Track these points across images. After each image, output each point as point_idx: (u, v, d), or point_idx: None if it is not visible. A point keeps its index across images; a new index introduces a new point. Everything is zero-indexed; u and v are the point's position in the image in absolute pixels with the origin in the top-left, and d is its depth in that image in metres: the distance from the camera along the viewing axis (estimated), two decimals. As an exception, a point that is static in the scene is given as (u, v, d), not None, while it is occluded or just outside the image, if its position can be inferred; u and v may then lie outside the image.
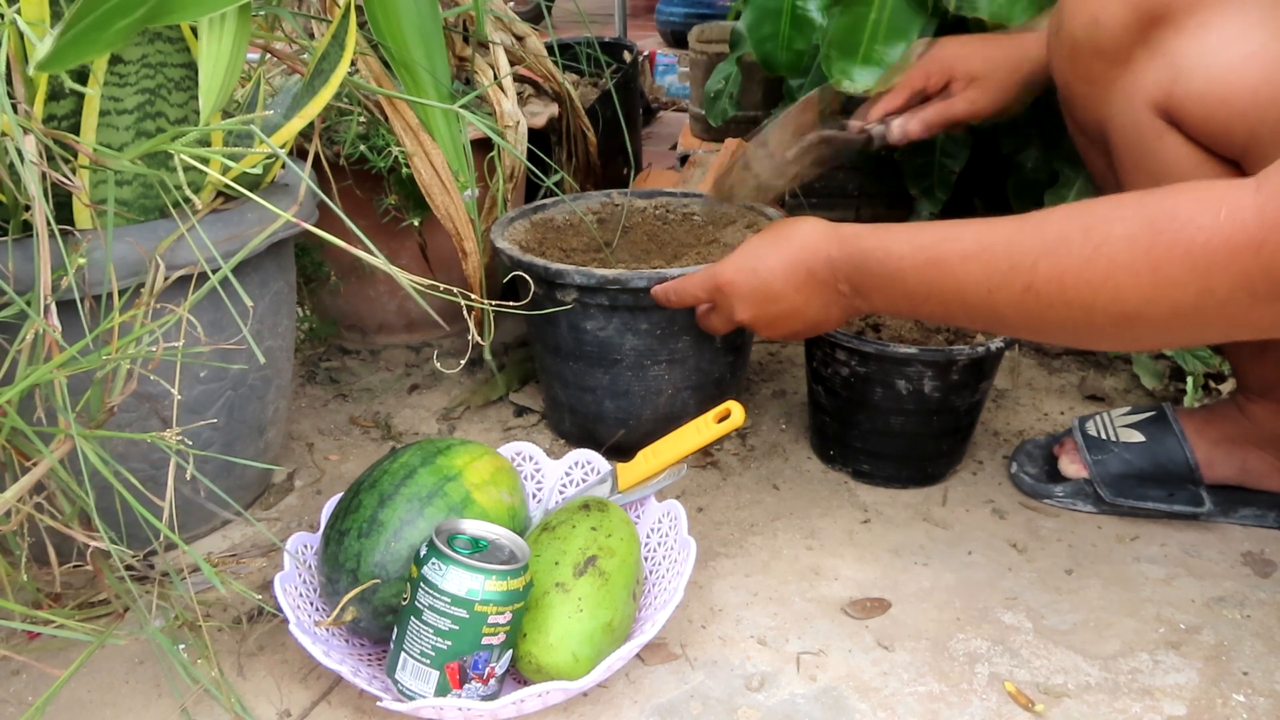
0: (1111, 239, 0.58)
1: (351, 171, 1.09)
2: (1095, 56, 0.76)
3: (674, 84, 2.80)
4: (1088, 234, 0.59)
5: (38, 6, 0.65)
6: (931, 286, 0.68)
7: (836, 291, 0.76)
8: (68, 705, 0.73)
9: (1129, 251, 0.57)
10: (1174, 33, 0.71)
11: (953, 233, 0.67)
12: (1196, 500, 0.91)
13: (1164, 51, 0.72)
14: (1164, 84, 0.72)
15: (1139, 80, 0.74)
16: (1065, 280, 0.60)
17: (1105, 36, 0.75)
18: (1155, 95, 0.73)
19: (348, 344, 1.29)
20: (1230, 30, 0.68)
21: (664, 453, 0.85)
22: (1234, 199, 0.54)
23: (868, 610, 0.82)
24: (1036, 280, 0.61)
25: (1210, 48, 0.69)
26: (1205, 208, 0.55)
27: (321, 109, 0.78)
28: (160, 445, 0.64)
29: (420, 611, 0.65)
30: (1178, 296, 0.56)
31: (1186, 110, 0.71)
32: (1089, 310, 0.60)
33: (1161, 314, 0.58)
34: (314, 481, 1.01)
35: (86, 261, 0.69)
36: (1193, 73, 0.70)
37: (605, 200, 1.16)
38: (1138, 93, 0.74)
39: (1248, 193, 0.54)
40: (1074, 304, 0.60)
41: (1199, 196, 0.56)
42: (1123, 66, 0.75)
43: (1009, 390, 1.18)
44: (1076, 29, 0.77)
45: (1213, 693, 0.73)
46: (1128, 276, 0.57)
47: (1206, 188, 0.57)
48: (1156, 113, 0.73)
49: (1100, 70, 0.77)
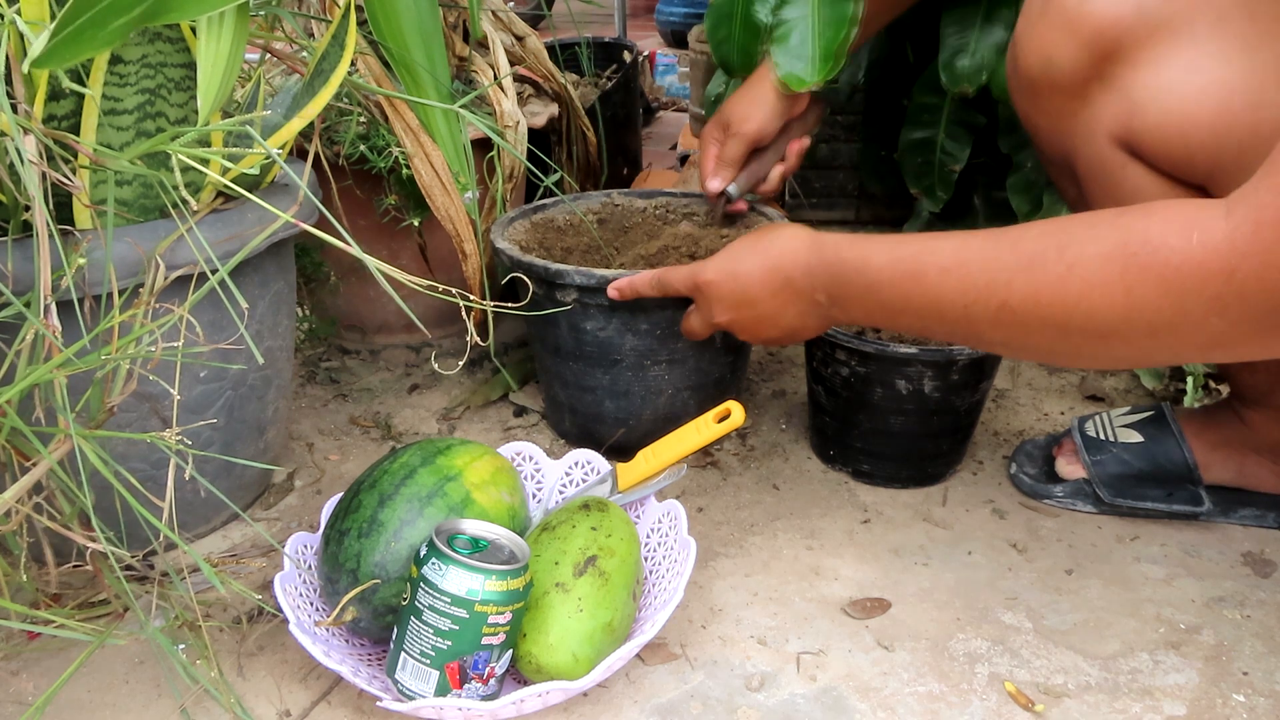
0: (1085, 259, 0.58)
1: (351, 171, 1.09)
2: (1052, 92, 0.76)
3: (674, 84, 2.80)
4: (1061, 253, 0.59)
5: (37, 6, 0.65)
6: (909, 300, 0.68)
7: (813, 301, 0.76)
8: (68, 705, 0.73)
9: (1102, 272, 0.57)
10: (1128, 67, 0.71)
11: (932, 246, 0.67)
12: (1196, 500, 0.91)
13: (1119, 86, 0.72)
14: (1121, 118, 0.72)
15: (1097, 115, 0.74)
16: (1040, 299, 0.60)
17: (1060, 73, 0.74)
18: (1114, 129, 0.73)
19: (348, 344, 1.29)
20: (1183, 63, 0.68)
21: (664, 453, 0.85)
22: (1205, 223, 0.54)
23: (868, 610, 0.82)
24: (1012, 298, 0.61)
25: (1165, 81, 0.69)
26: (1177, 230, 0.55)
27: (321, 109, 0.78)
28: (160, 445, 0.64)
29: (420, 611, 0.65)
30: (1152, 317, 0.56)
31: (1146, 143, 0.71)
32: (1064, 328, 0.60)
33: (1137, 333, 0.58)
34: (314, 481, 1.01)
35: (86, 261, 0.69)
36: (1149, 106, 0.70)
37: (605, 200, 1.16)
38: (1097, 127, 0.74)
39: (1219, 217, 0.54)
40: (1049, 322, 0.60)
41: (1171, 217, 0.56)
42: (1080, 101, 0.75)
43: (1009, 390, 1.18)
44: (1031, 66, 0.77)
45: (1213, 693, 0.73)
46: (1102, 297, 0.57)
47: (1179, 209, 0.56)
48: (1117, 145, 0.73)
49: (1058, 105, 0.77)
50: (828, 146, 1.61)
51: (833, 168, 1.61)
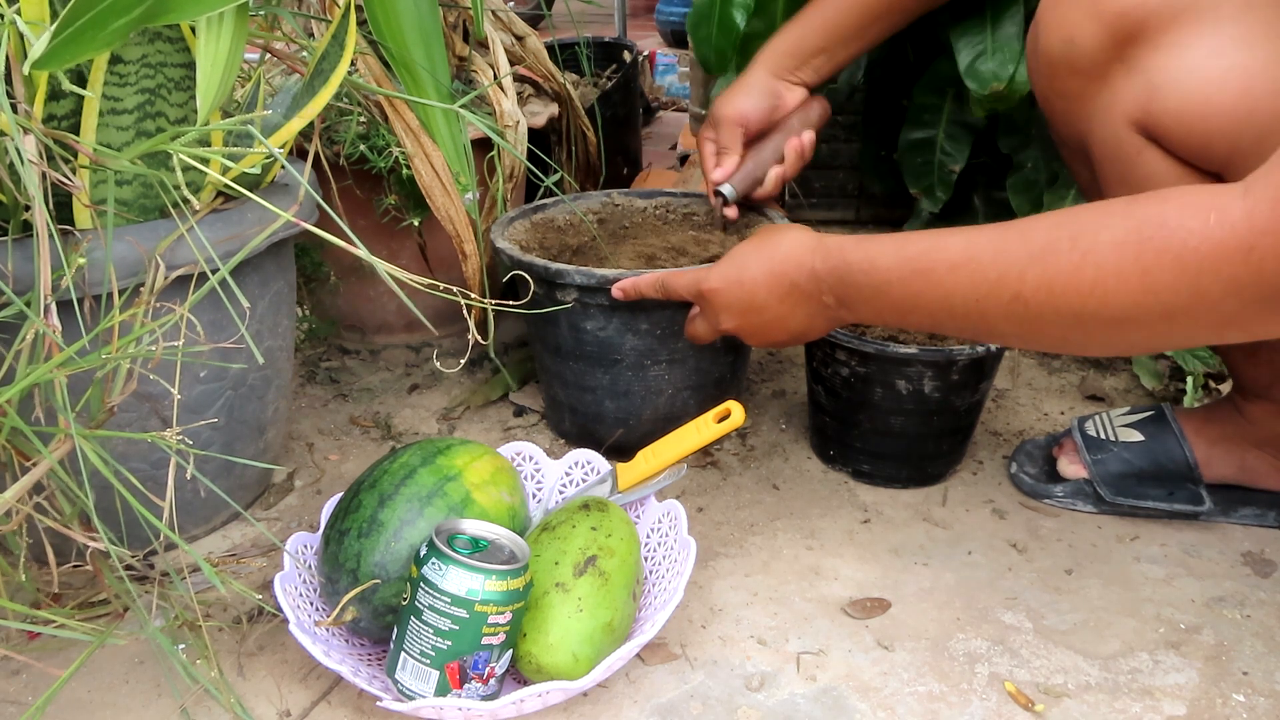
0: (1099, 245, 0.58)
1: (351, 171, 1.09)
2: (1071, 74, 0.76)
3: (674, 84, 2.80)
4: (1075, 241, 0.59)
5: (37, 6, 0.65)
6: (918, 298, 0.68)
7: (821, 303, 0.76)
8: (68, 705, 0.73)
9: (1117, 257, 0.57)
10: (1150, 50, 0.71)
11: (939, 243, 0.67)
12: (1196, 499, 0.91)
13: (1140, 69, 0.71)
14: (1141, 101, 0.72)
15: (1116, 97, 0.74)
16: (1054, 288, 0.60)
17: (1081, 54, 0.74)
18: (1133, 112, 0.72)
19: (348, 344, 1.29)
20: (1206, 47, 0.68)
21: (664, 453, 0.85)
22: (1222, 204, 0.54)
23: (868, 610, 0.82)
24: (1025, 289, 0.61)
25: (1186, 65, 0.69)
26: (1194, 213, 0.55)
27: (321, 109, 0.78)
28: (160, 445, 0.64)
29: (420, 611, 0.65)
30: (1168, 300, 0.56)
31: (1165, 127, 0.71)
32: (1078, 316, 0.60)
33: (1152, 317, 0.58)
34: (314, 481, 1.01)
35: (86, 261, 0.69)
36: (1169, 90, 0.70)
37: (605, 200, 1.16)
38: (1116, 109, 0.74)
39: (1235, 197, 0.54)
40: (1063, 311, 0.60)
41: (1187, 201, 0.56)
42: (1100, 83, 0.75)
43: (1009, 390, 1.18)
44: (1052, 47, 0.77)
45: (1213, 693, 0.73)
46: (1116, 282, 0.57)
47: (1194, 193, 0.56)
48: (1135, 129, 0.73)
49: (1077, 87, 0.76)
50: (828, 146, 1.61)
51: (833, 168, 1.61)
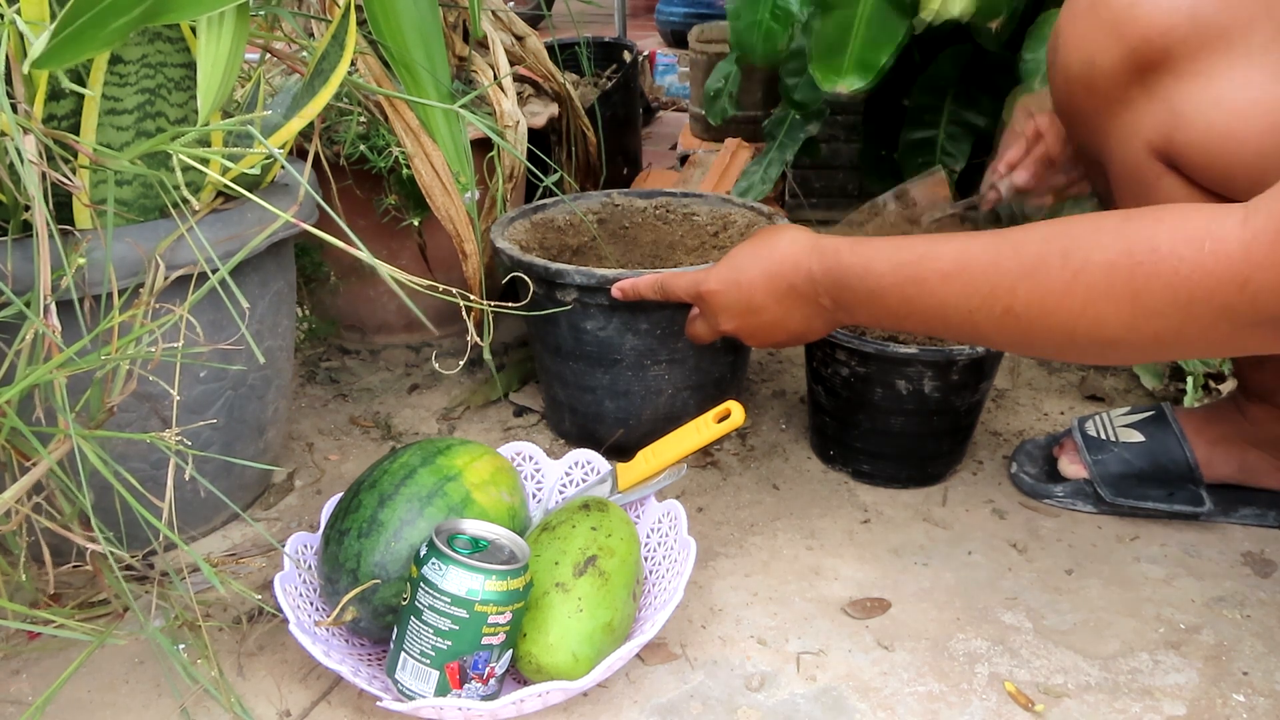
0: (1090, 266, 0.57)
1: (351, 171, 1.09)
2: (1090, 94, 0.74)
3: (674, 84, 2.80)
4: (1066, 259, 0.59)
5: (37, 6, 0.65)
6: (912, 305, 0.68)
7: (818, 305, 0.76)
8: (68, 705, 0.73)
9: (1108, 280, 0.57)
10: (1174, 79, 0.68)
11: (933, 251, 0.66)
12: (1196, 500, 0.91)
13: (1163, 96, 0.69)
14: (1163, 129, 0.70)
15: (1137, 121, 0.72)
16: (1046, 305, 0.60)
17: (1101, 76, 0.72)
18: (1154, 139, 0.71)
19: (348, 344, 1.29)
20: (1234, 79, 0.66)
21: (664, 453, 0.85)
22: (1218, 232, 0.53)
23: (868, 610, 0.82)
24: (1016, 304, 0.61)
25: (1213, 96, 0.67)
26: (1187, 240, 0.54)
27: (321, 109, 0.78)
28: (160, 445, 0.64)
29: (420, 611, 0.65)
30: (1159, 325, 0.56)
31: (1187, 157, 0.69)
32: (1070, 334, 0.60)
33: (1143, 340, 0.57)
34: (314, 481, 1.01)
35: (86, 261, 0.69)
36: (1194, 119, 0.68)
37: (605, 200, 1.16)
38: (1136, 134, 0.72)
39: (1233, 225, 0.53)
40: (1055, 328, 0.60)
41: (1180, 226, 0.55)
42: (1119, 106, 0.73)
43: (1009, 390, 1.18)
44: (1071, 66, 0.75)
45: (1213, 693, 0.73)
46: (1108, 305, 0.57)
47: (1190, 215, 0.55)
48: (1155, 155, 0.71)
49: (1096, 106, 0.75)
50: (828, 146, 1.61)
51: (833, 168, 1.61)
